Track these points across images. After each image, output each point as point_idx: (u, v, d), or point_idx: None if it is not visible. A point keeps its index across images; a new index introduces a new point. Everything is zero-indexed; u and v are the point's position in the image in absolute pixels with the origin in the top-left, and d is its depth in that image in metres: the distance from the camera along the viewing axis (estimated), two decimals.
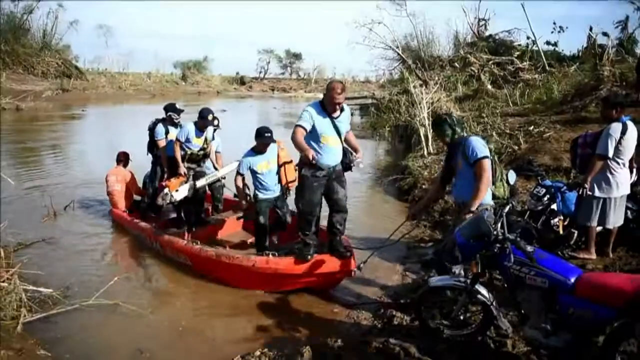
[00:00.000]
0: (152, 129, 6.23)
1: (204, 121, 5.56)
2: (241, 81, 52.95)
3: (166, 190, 5.37)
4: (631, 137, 4.10)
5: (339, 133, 4.10)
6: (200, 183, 5.58)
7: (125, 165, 6.84)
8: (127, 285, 4.71)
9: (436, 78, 14.76)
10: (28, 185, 8.64)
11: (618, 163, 4.13)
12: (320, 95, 4.35)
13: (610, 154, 4.05)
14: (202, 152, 5.78)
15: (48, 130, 16.84)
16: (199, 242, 5.03)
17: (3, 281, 3.74)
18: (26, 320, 3.68)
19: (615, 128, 4.04)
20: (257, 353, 3.44)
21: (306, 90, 48.40)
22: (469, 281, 2.99)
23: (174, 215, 6.38)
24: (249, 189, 5.08)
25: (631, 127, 4.11)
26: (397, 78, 19.60)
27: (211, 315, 4.16)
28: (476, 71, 15.89)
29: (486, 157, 3.39)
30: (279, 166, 4.94)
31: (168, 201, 5.41)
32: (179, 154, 5.61)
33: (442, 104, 11.94)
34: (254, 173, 4.84)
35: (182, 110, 6.33)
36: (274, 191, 4.97)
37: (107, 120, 21.57)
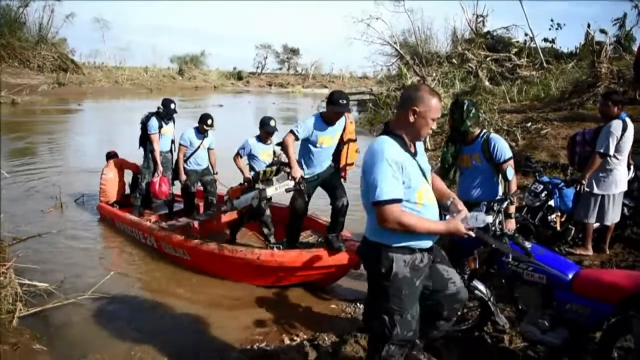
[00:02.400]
0: (145, 123, 6.10)
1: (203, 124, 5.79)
2: (238, 76, 52.81)
3: (225, 197, 4.98)
4: (630, 134, 4.11)
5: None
6: (270, 192, 4.70)
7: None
8: (123, 279, 4.69)
9: (434, 74, 14.77)
10: (22, 179, 8.59)
11: (618, 160, 4.14)
12: (318, 91, 4.40)
13: (612, 151, 4.06)
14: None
15: (44, 124, 16.75)
16: (198, 236, 5.01)
17: None
18: (22, 315, 3.65)
19: (617, 126, 4.04)
20: (255, 347, 3.44)
21: (304, 86, 48.36)
22: (466, 277, 2.99)
23: (165, 210, 6.35)
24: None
25: (630, 124, 4.12)
26: (394, 74, 19.58)
27: (208, 310, 4.15)
28: (474, 67, 15.88)
29: (511, 158, 3.41)
30: (343, 143, 4.39)
31: (228, 209, 5.01)
32: (182, 158, 5.81)
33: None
34: (310, 143, 4.17)
35: (175, 112, 6.27)
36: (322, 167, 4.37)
37: (103, 115, 21.47)
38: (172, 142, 6.40)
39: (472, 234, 2.15)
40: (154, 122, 6.01)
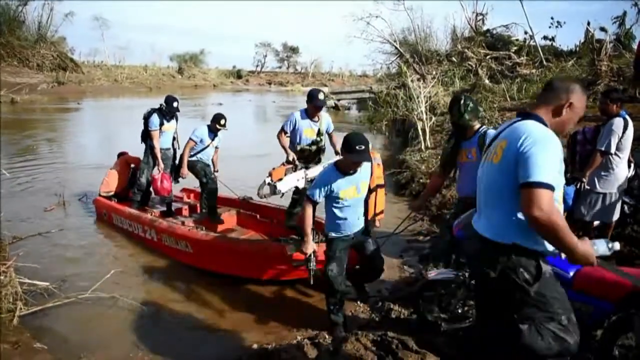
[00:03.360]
0: (146, 119, 6.09)
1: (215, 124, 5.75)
2: (238, 75, 52.84)
3: (267, 179, 4.36)
4: (630, 132, 4.11)
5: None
6: (312, 173, 4.49)
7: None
8: (124, 278, 4.69)
9: (434, 72, 14.73)
10: (23, 177, 8.59)
11: (619, 158, 4.13)
12: None
13: (613, 149, 4.05)
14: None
15: (43, 123, 16.73)
16: (204, 228, 4.97)
17: None
18: (22, 314, 3.66)
19: (618, 124, 4.04)
20: (255, 346, 3.44)
21: (303, 84, 48.34)
22: (467, 274, 2.99)
23: (163, 208, 6.35)
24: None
25: (630, 122, 4.12)
26: (394, 72, 19.53)
27: (208, 310, 4.15)
28: (474, 66, 15.86)
29: None
30: (370, 191, 3.72)
31: (270, 193, 4.39)
32: (187, 153, 5.75)
33: (439, 99, 11.94)
34: (332, 200, 3.46)
35: (177, 110, 6.22)
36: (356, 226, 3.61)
37: (103, 114, 21.45)
38: (174, 139, 6.39)
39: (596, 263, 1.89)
40: (155, 119, 6.00)
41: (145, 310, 4.06)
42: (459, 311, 3.22)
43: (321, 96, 4.76)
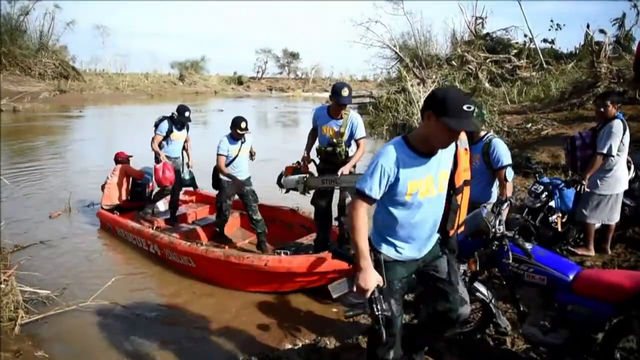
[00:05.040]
0: (157, 125, 6.08)
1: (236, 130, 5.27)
2: (239, 81, 52.98)
3: (282, 170, 4.60)
4: (628, 133, 4.12)
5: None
6: (314, 182, 4.38)
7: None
8: (126, 286, 4.68)
9: (434, 76, 14.80)
10: (26, 185, 8.61)
11: (619, 160, 4.13)
12: (318, 95, 4.36)
13: (615, 152, 4.05)
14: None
15: (45, 131, 16.79)
16: (203, 243, 4.98)
17: (0, 283, 3.73)
18: (23, 322, 3.66)
19: (618, 126, 4.04)
20: (256, 353, 3.43)
21: (304, 90, 48.41)
22: (467, 279, 2.99)
23: (167, 216, 6.35)
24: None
25: (626, 123, 4.13)
26: (394, 77, 19.59)
27: (210, 317, 4.13)
28: (474, 69, 15.91)
29: (510, 165, 3.44)
30: (455, 190, 2.30)
31: (281, 185, 4.58)
32: (223, 166, 5.26)
33: None
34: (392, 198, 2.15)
35: (189, 120, 6.14)
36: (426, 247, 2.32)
37: (105, 121, 21.51)
38: (184, 148, 6.37)
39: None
40: (163, 125, 6.01)
41: (146, 318, 4.05)
42: None
43: (345, 92, 4.17)
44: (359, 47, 20.02)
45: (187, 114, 6.07)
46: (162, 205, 6.71)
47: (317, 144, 4.59)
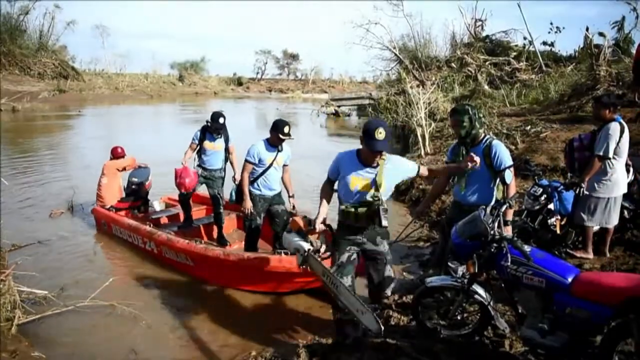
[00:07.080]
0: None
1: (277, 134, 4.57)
2: (238, 82, 53.05)
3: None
4: (627, 136, 4.11)
5: None
6: (314, 265, 3.26)
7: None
8: (123, 286, 4.68)
9: (433, 78, 14.80)
10: (22, 186, 8.60)
11: (617, 162, 4.13)
12: (317, 96, 4.34)
13: (611, 154, 4.05)
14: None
15: (43, 131, 16.78)
16: (202, 241, 4.97)
17: None
18: (20, 322, 3.66)
19: (615, 128, 4.04)
20: (254, 353, 3.43)
21: (303, 91, 48.45)
22: (465, 281, 2.98)
23: (161, 215, 6.32)
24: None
25: (625, 126, 4.13)
26: (394, 78, 19.59)
27: (207, 317, 4.13)
28: (473, 71, 15.91)
29: (512, 165, 3.49)
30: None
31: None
32: (246, 179, 4.67)
33: (439, 105, 11.97)
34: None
35: (223, 126, 5.55)
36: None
37: (104, 121, 21.49)
38: (226, 160, 5.79)
39: None
40: (196, 133, 5.64)
41: (143, 318, 4.04)
42: (458, 318, 3.21)
43: (381, 135, 2.90)
44: (358, 48, 20.05)
45: (221, 120, 5.49)
46: (158, 205, 6.69)
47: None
